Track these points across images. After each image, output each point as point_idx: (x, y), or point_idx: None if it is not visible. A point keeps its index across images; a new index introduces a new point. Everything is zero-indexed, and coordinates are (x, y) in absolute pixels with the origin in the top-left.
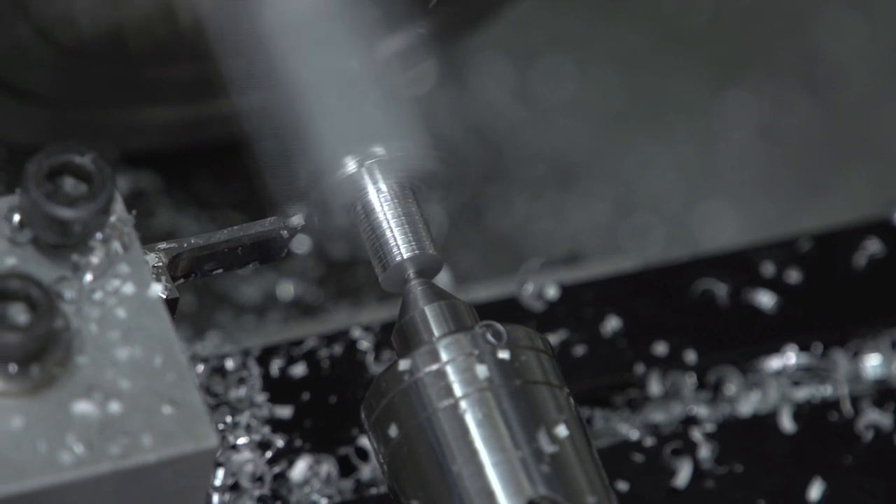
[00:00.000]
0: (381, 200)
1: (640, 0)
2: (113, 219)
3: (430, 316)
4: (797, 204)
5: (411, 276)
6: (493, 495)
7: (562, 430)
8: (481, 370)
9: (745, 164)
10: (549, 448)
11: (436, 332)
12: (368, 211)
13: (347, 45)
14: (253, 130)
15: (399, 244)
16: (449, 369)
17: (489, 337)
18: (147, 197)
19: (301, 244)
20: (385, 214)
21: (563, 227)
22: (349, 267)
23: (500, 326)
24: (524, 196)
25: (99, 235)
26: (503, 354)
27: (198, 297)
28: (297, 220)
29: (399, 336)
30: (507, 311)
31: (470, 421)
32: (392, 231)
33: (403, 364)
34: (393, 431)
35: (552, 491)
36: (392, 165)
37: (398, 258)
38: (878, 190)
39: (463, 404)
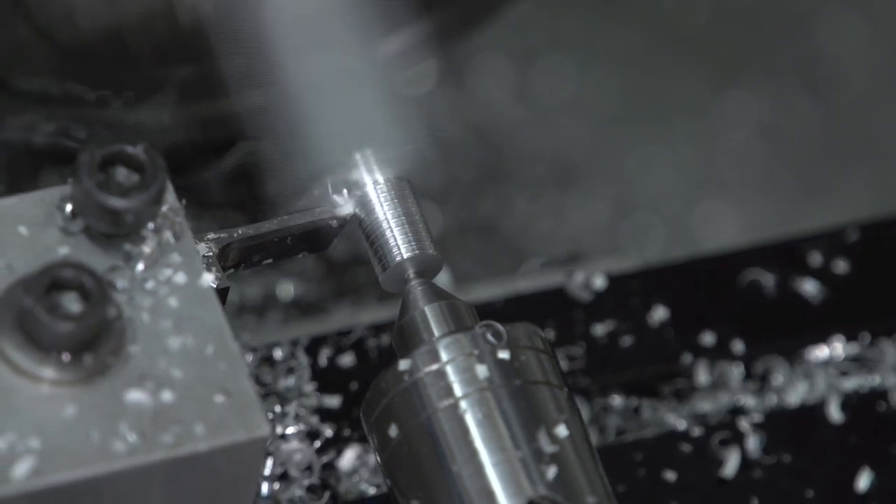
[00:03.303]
0: (380, 200)
1: (640, 0)
2: (164, 208)
3: (430, 316)
4: (797, 204)
5: (411, 275)
6: (493, 495)
7: (562, 430)
8: (481, 370)
9: (745, 164)
10: (549, 448)
11: (436, 332)
12: (368, 211)
13: (347, 45)
14: (253, 130)
15: (399, 244)
16: (449, 369)
17: (489, 337)
18: None
19: None
20: (385, 214)
21: (563, 227)
22: (349, 267)
23: (499, 326)
24: (524, 196)
25: (151, 225)
26: (503, 354)
27: None
28: (346, 209)
29: (399, 336)
30: (554, 301)
31: (470, 421)
32: (392, 231)
33: (403, 364)
34: (393, 431)
35: (552, 491)
36: (392, 163)
37: (398, 258)
38: (878, 190)
39: (463, 404)
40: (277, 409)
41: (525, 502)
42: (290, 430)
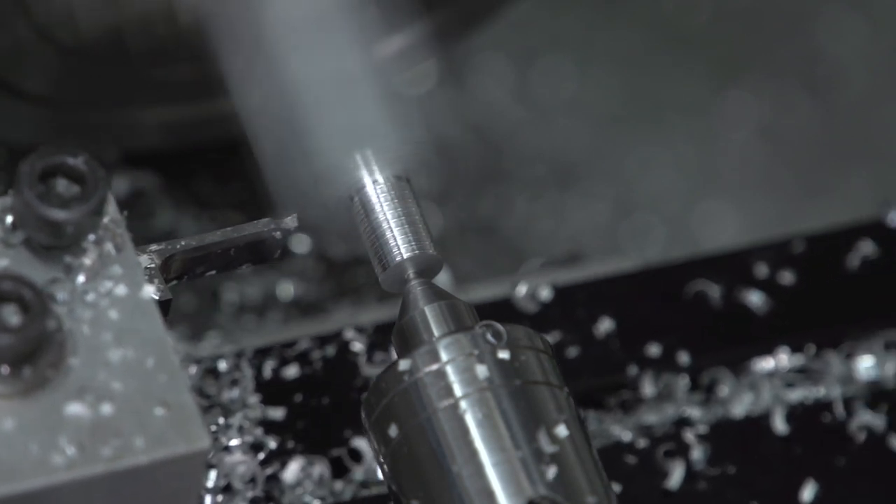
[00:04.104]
0: (380, 200)
1: (640, 0)
2: (106, 220)
3: (430, 316)
4: (797, 204)
5: (411, 276)
6: (493, 495)
7: (562, 430)
8: (481, 370)
9: (745, 164)
10: (549, 448)
11: (436, 332)
12: (368, 210)
13: (347, 45)
14: (253, 130)
15: (399, 244)
16: (449, 369)
17: (489, 337)
18: (147, 197)
19: (301, 244)
20: (385, 214)
21: (563, 227)
22: (349, 267)
23: (500, 326)
24: (524, 196)
25: (92, 237)
26: (503, 354)
27: (198, 297)
28: (290, 221)
29: (399, 336)
30: (500, 312)
31: (470, 421)
32: (392, 231)
33: (403, 364)
34: (393, 431)
35: (552, 491)
36: (391, 164)
37: (398, 258)
38: (878, 190)
39: (463, 404)
40: (221, 420)
41: (525, 502)
42: (233, 442)
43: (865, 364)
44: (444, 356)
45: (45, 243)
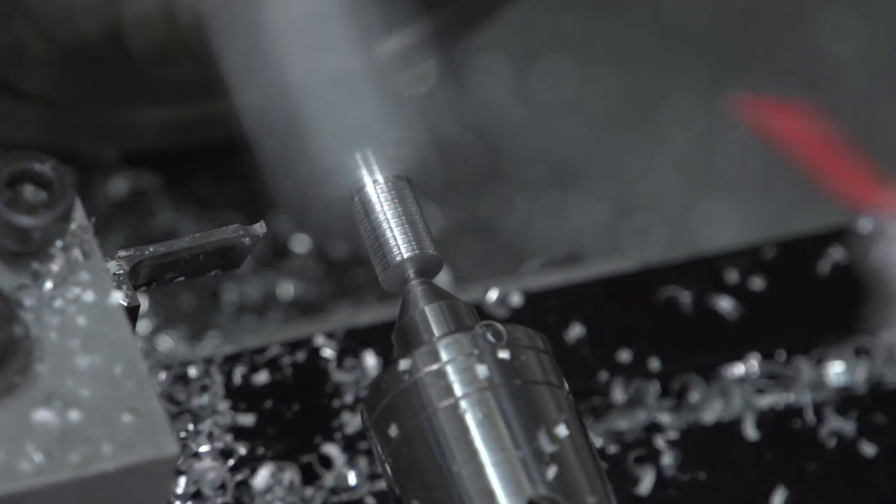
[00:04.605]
0: (380, 200)
1: (640, 0)
2: (73, 226)
3: (430, 316)
4: (797, 204)
5: (411, 275)
6: (493, 495)
7: (562, 430)
8: (481, 370)
9: (745, 164)
10: (549, 448)
11: (436, 332)
12: (368, 210)
13: (347, 45)
14: (253, 130)
15: (399, 244)
16: (449, 369)
17: (489, 337)
18: (147, 197)
19: (301, 244)
20: (385, 214)
21: (563, 227)
22: (349, 267)
23: (500, 326)
24: (524, 196)
25: (59, 243)
26: (503, 354)
27: (198, 297)
28: (259, 227)
29: (399, 336)
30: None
31: (470, 421)
32: (392, 231)
33: (403, 364)
34: (393, 431)
35: (552, 491)
36: (392, 164)
37: (398, 258)
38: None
39: (463, 404)
40: (191, 427)
41: (525, 502)
42: (203, 449)
43: (836, 370)
44: (444, 356)
45: (12, 249)
